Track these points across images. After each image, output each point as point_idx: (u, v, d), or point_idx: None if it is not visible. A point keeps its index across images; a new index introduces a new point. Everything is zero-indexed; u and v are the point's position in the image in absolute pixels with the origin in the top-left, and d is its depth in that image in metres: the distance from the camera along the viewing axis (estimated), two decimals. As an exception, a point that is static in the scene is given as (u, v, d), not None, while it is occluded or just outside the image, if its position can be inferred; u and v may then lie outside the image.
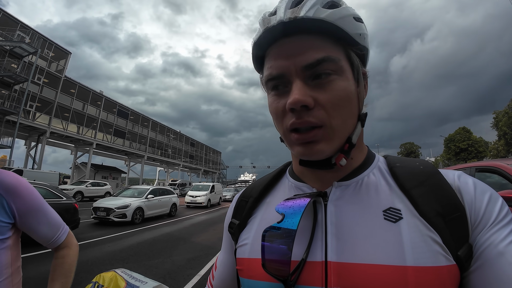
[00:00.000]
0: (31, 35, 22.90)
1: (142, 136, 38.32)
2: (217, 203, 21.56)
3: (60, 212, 4.11)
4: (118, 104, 34.05)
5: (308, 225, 0.49)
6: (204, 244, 7.16)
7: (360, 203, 0.48)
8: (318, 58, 0.44)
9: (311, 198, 0.47)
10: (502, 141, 41.33)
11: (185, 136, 50.79)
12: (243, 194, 0.65)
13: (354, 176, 0.52)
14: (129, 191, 12.31)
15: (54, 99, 25.19)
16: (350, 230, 0.46)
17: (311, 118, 0.44)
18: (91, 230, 8.60)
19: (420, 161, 0.54)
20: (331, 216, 0.48)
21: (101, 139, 31.09)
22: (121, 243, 6.90)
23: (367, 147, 0.59)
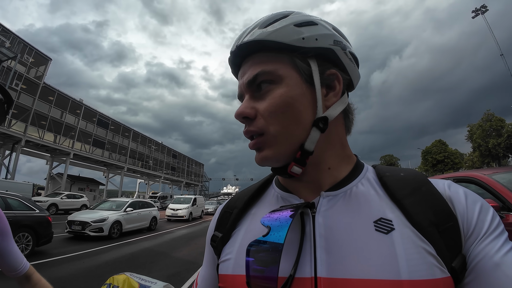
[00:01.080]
0: (11, 39, 22.06)
1: (122, 147, 37.30)
2: (199, 217, 21.14)
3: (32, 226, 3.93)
4: (98, 113, 33.11)
5: (295, 238, 0.47)
6: (185, 259, 6.96)
7: (349, 214, 0.47)
8: (254, 74, 0.49)
9: (298, 210, 0.45)
10: (476, 153, 43.13)
11: (167, 148, 49.97)
12: (227, 205, 0.62)
13: (343, 186, 0.51)
14: (107, 204, 11.88)
15: (31, 106, 24.08)
16: (340, 243, 0.44)
17: (251, 127, 0.49)
18: (65, 245, 8.17)
19: (409, 170, 0.54)
20: (319, 228, 0.46)
21: (79, 149, 29.90)
22: (97, 259, 6.59)
23: (356, 157, 0.58)
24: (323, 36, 0.48)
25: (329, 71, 0.50)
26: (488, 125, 40.02)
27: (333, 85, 0.50)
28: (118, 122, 36.94)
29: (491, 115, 40.58)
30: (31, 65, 24.40)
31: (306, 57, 0.49)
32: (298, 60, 0.48)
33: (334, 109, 0.50)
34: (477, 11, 36.73)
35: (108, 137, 34.32)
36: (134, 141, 39.77)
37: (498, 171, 3.33)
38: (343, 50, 0.50)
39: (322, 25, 0.50)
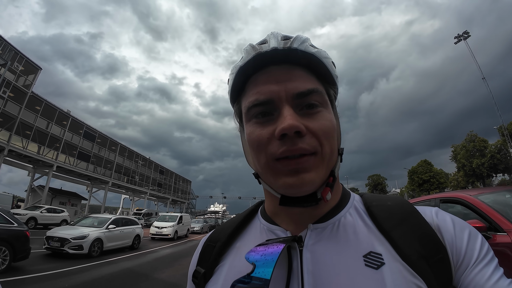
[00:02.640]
0: (3, 46, 21.84)
1: (108, 161, 36.45)
2: (185, 235, 20.50)
3: (9, 240, 3.75)
4: (85, 125, 32.50)
5: (282, 274, 0.45)
6: (168, 281, 6.71)
7: (338, 248, 0.45)
8: (308, 88, 0.46)
9: (285, 244, 0.43)
10: (461, 173, 44.16)
11: (154, 163, 49.15)
12: (210, 238, 0.60)
13: (331, 217, 0.49)
14: (89, 220, 11.44)
15: (17, 115, 23.48)
16: (328, 279, 0.42)
17: (304, 145, 0.44)
18: (43, 262, 7.76)
19: (396, 198, 0.53)
20: (307, 264, 0.45)
21: (63, 161, 29.00)
22: (74, 279, 6.26)
23: (342, 185, 0.57)
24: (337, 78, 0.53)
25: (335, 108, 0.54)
26: (472, 146, 41.33)
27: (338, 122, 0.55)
28: (106, 135, 36.33)
29: (474, 135, 42.04)
30: (20, 73, 24.04)
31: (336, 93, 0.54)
32: (334, 94, 0.52)
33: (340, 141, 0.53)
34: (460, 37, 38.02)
35: (94, 150, 33.56)
36: (120, 155, 39.02)
37: (483, 192, 3.40)
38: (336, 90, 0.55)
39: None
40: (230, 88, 0.52)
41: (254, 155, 0.48)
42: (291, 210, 0.50)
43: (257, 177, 0.54)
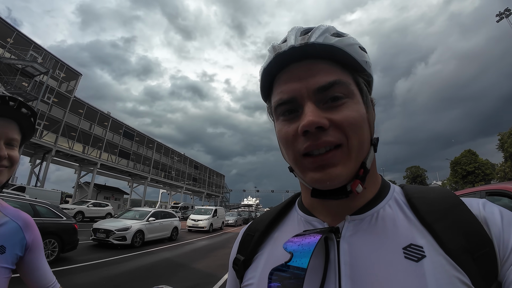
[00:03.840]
0: (43, 55, 23.72)
1: (146, 158, 38.43)
2: (220, 228, 21.07)
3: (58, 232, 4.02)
4: (124, 125, 34.52)
5: (319, 265, 0.45)
6: (205, 271, 6.86)
7: (376, 240, 0.44)
8: (329, 81, 0.45)
9: (321, 235, 0.43)
10: (508, 163, 40.58)
11: (189, 159, 50.89)
12: (249, 228, 0.62)
13: (369, 209, 0.48)
14: (131, 213, 12.11)
15: (62, 118, 25.63)
16: (366, 271, 0.41)
17: (328, 137, 0.44)
18: (89, 252, 8.36)
19: (440, 190, 0.49)
20: (344, 255, 0.44)
21: (106, 159, 31.16)
22: (118, 268, 6.65)
23: (381, 176, 0.55)
24: (371, 64, 0.50)
25: (370, 98, 0.52)
26: (521, 133, 37.59)
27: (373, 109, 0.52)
28: (143, 133, 38.24)
29: (523, 122, 38.19)
30: (62, 79, 26.13)
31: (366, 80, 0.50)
32: (363, 81, 0.49)
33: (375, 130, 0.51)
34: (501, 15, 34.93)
35: (133, 148, 35.57)
36: (157, 152, 40.91)
37: None
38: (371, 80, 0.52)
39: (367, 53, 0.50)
40: (260, 88, 0.54)
41: (284, 151, 0.50)
42: (327, 202, 0.49)
43: (291, 171, 0.54)
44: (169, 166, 44.04)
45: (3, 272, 0.79)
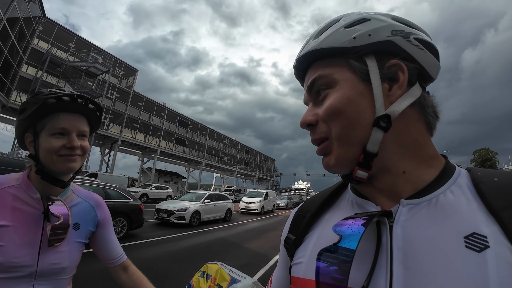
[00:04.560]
0: (103, 55, 26.51)
1: (200, 144, 40.64)
2: (271, 211, 21.53)
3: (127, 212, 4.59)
4: (179, 114, 36.87)
5: (370, 248, 0.43)
6: (257, 251, 7.14)
7: (434, 226, 0.41)
8: (312, 79, 0.50)
9: (373, 218, 0.42)
10: None
11: (240, 144, 52.33)
12: (301, 208, 0.62)
13: (427, 193, 0.44)
14: (188, 195, 12.99)
15: (125, 111, 28.58)
16: (420, 258, 0.39)
17: (315, 135, 0.50)
18: (154, 230, 9.25)
19: None
20: (397, 240, 0.42)
21: (164, 147, 33.89)
22: (179, 244, 7.27)
23: (445, 158, 0.50)
24: (376, 30, 0.46)
25: (390, 63, 0.45)
26: None
27: (396, 77, 0.45)
28: (196, 121, 40.41)
29: None
30: (122, 76, 29.11)
31: (361, 55, 0.47)
32: (353, 61, 0.47)
33: (398, 104, 0.45)
34: None
35: (188, 136, 38.00)
36: (210, 139, 42.91)
37: None
38: (405, 38, 0.45)
39: (376, 19, 0.47)
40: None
41: None
42: (379, 184, 0.48)
43: None
44: (222, 151, 45.92)
45: (77, 246, 0.91)
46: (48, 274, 0.81)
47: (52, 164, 0.81)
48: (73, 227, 0.89)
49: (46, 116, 0.81)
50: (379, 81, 0.45)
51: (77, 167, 0.86)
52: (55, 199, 0.84)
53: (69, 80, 23.63)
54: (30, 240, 0.79)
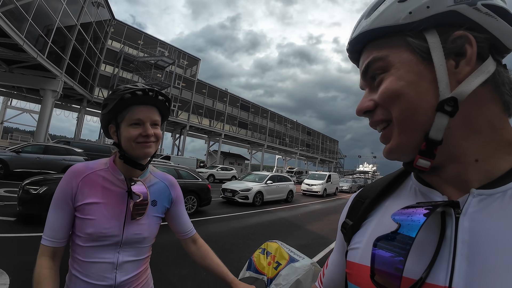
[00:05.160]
0: (168, 49, 29.06)
1: (262, 127, 41.42)
2: (333, 193, 21.08)
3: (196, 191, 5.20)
4: (240, 98, 38.06)
5: (432, 240, 0.40)
6: (317, 233, 7.17)
7: (507, 221, 0.36)
8: (366, 63, 0.47)
9: (437, 208, 0.38)
10: None
11: (301, 125, 51.67)
12: (360, 194, 0.60)
13: (502, 184, 0.39)
14: (251, 176, 13.51)
15: (191, 99, 31.19)
16: (487, 254, 0.36)
17: (374, 119, 0.47)
18: (220, 207, 9.96)
19: None
20: (463, 233, 0.38)
21: (228, 130, 35.71)
22: (243, 222, 7.74)
23: None
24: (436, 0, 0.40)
25: (454, 35, 0.39)
26: None
27: (463, 50, 0.39)
28: (257, 104, 41.17)
29: None
30: (186, 66, 31.69)
31: (420, 31, 0.41)
32: (410, 39, 0.42)
33: (467, 83, 0.39)
34: None
35: (250, 119, 39.10)
36: (271, 121, 43.31)
37: None
38: (471, 5, 0.39)
39: None
40: None
41: None
42: (445, 171, 0.43)
43: None
44: (283, 133, 46.07)
45: (155, 220, 1.07)
46: (131, 243, 0.98)
47: (132, 150, 0.96)
48: (151, 203, 1.04)
49: (124, 109, 0.95)
50: (442, 58, 0.40)
51: (152, 152, 1.00)
52: (136, 180, 1.00)
53: (141, 74, 26.82)
54: (117, 214, 0.96)
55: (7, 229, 4.69)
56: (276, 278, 1.16)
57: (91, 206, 0.92)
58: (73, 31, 18.05)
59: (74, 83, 19.59)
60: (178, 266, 3.92)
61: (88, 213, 0.92)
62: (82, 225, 0.92)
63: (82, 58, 20.36)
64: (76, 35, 18.39)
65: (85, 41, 20.24)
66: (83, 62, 20.57)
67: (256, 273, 1.24)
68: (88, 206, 0.92)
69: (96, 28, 21.68)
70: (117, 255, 0.95)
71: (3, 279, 2.95)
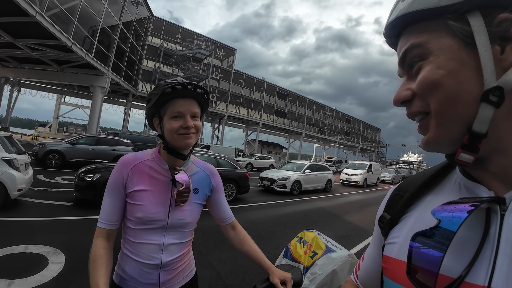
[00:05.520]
0: (205, 41, 29.98)
1: (300, 115, 40.90)
2: (374, 184, 20.26)
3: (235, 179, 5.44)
4: (277, 87, 37.79)
5: (474, 238, 0.38)
6: (357, 224, 7.00)
7: None
8: (403, 51, 0.44)
9: (482, 205, 0.37)
10: None
11: (341, 113, 49.98)
12: (399, 188, 0.58)
13: None
14: (289, 165, 13.48)
15: (228, 89, 31.89)
16: None
17: (410, 110, 0.45)
18: (258, 195, 10.14)
19: None
20: (508, 231, 0.36)
21: (265, 119, 35.84)
22: (280, 210, 7.81)
23: None
24: None
25: (499, 18, 0.36)
26: None
27: (509, 34, 0.36)
28: (294, 92, 40.62)
29: None
30: (223, 57, 32.40)
31: (462, 13, 0.38)
32: (452, 22, 0.39)
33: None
34: None
35: (287, 107, 38.77)
36: (309, 109, 42.53)
37: None
38: None
39: None
40: None
41: None
42: (494, 167, 0.41)
43: None
44: (322, 121, 45.05)
45: (197, 206, 1.14)
46: (175, 227, 1.06)
47: (174, 142, 1.02)
48: (193, 191, 1.10)
49: (166, 103, 1.01)
50: (487, 43, 0.36)
51: (193, 143, 1.05)
52: (179, 169, 1.07)
53: (181, 67, 28.10)
54: (162, 201, 1.04)
55: (65, 212, 5.29)
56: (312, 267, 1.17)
57: (140, 193, 1.01)
58: (116, 31, 19.44)
59: (120, 79, 21.29)
60: (218, 250, 4.11)
61: (138, 199, 1.01)
62: (133, 210, 1.01)
63: (126, 55, 21.94)
64: (119, 34, 19.78)
65: (127, 39, 21.71)
66: (127, 59, 22.19)
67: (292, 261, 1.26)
68: (137, 193, 1.01)
69: (137, 26, 23.08)
70: (163, 238, 1.04)
71: (59, 258, 3.32)
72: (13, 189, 4.83)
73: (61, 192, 6.82)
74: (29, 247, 3.48)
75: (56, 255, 3.38)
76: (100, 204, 1.04)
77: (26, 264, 3.08)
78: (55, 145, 11.15)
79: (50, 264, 3.14)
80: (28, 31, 13.59)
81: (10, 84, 24.05)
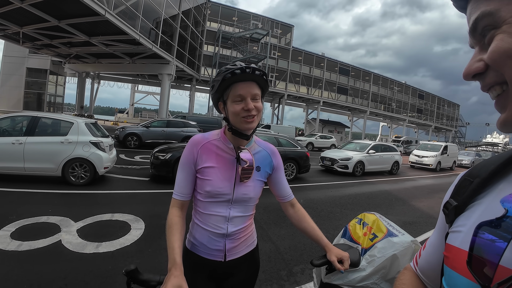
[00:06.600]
0: (261, 20, 29.89)
1: (364, 91, 38.32)
2: (450, 168, 18.06)
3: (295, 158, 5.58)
4: (339, 62, 35.82)
5: None
6: (425, 211, 6.46)
7: None
8: (473, 19, 0.40)
9: None
10: None
11: (411, 88, 45.18)
12: (469, 173, 0.53)
13: None
14: (352, 145, 12.98)
15: (287, 68, 31.46)
16: None
17: (487, 80, 0.40)
18: (318, 175, 10.07)
19: None
20: None
21: (327, 97, 34.54)
22: (341, 191, 7.66)
23: None
24: None
25: None
26: None
27: None
28: (358, 67, 38.01)
29: None
30: (280, 35, 31.97)
31: None
32: None
33: None
34: None
35: (350, 83, 36.64)
36: (375, 84, 39.47)
37: None
38: None
39: None
40: None
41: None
42: None
43: None
44: (389, 97, 41.50)
45: (259, 183, 1.22)
46: (240, 201, 1.16)
47: (237, 124, 1.10)
48: (256, 169, 1.19)
49: (228, 88, 1.08)
50: None
51: (255, 125, 1.12)
52: (243, 148, 1.16)
53: (239, 49, 28.66)
54: (228, 176, 1.14)
55: (143, 186, 6.19)
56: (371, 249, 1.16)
57: (208, 169, 1.13)
58: (177, 20, 20.87)
59: (184, 66, 23.07)
60: (278, 226, 4.27)
61: (206, 175, 1.13)
62: (202, 184, 1.13)
63: (187, 42, 23.53)
64: (180, 22, 21.17)
65: (187, 27, 23.11)
66: (189, 46, 23.82)
67: (351, 242, 1.26)
68: (206, 169, 1.13)
69: (195, 13, 24.29)
70: (228, 210, 1.15)
71: (140, 225, 3.85)
72: (100, 167, 5.86)
73: (140, 169, 7.89)
74: (115, 215, 4.13)
75: (137, 222, 3.93)
76: (172, 180, 1.19)
77: (112, 230, 3.66)
78: (133, 128, 12.79)
79: (132, 230, 3.67)
80: (101, 29, 15.60)
81: (90, 78, 28.30)
